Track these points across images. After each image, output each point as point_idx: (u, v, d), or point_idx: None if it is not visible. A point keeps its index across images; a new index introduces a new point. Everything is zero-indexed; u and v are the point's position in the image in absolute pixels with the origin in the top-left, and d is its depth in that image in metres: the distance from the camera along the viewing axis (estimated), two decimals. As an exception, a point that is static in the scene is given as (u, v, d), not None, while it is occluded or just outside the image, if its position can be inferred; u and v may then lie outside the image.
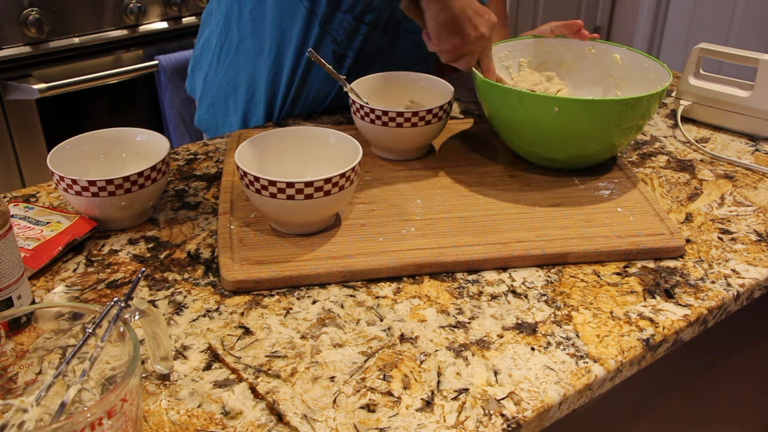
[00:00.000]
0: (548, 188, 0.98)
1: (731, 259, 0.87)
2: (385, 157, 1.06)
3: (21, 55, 1.74)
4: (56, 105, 1.83)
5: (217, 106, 1.30)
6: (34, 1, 1.71)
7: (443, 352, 0.72)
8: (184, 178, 1.04)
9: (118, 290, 0.81)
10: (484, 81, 0.98)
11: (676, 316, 0.78)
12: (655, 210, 0.93)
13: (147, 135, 0.96)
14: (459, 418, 0.65)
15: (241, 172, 0.84)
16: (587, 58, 1.14)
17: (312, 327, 0.76)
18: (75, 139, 0.94)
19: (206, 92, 1.32)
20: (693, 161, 1.10)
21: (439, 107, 1.00)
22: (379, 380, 0.69)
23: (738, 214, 0.96)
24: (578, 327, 0.76)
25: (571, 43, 1.14)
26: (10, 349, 0.60)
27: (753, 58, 1.15)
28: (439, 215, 0.92)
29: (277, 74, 1.21)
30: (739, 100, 1.16)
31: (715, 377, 1.10)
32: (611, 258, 0.86)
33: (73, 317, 0.61)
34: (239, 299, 0.79)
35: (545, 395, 0.67)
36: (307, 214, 0.84)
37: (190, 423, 0.64)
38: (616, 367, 0.71)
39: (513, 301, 0.80)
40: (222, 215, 0.91)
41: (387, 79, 1.10)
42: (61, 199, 0.98)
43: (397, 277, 0.83)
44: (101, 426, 0.50)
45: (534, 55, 1.16)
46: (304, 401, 0.66)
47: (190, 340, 0.74)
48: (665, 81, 0.99)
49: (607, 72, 1.12)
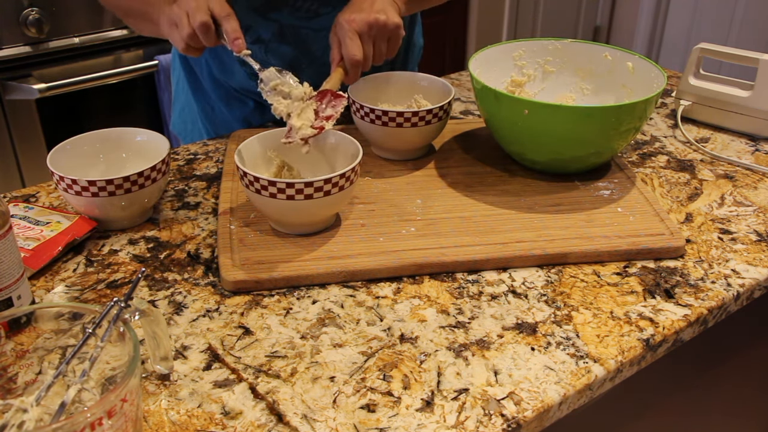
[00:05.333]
0: (548, 188, 0.98)
1: (731, 259, 0.87)
2: (385, 157, 1.06)
3: (21, 55, 1.74)
4: (56, 105, 1.83)
5: (187, 111, 1.30)
6: (34, 1, 1.71)
7: (443, 352, 0.72)
8: (184, 178, 1.04)
9: (118, 290, 0.81)
10: (479, 82, 0.98)
11: (676, 316, 0.78)
12: (655, 210, 0.93)
13: (147, 135, 0.96)
14: (459, 418, 0.65)
15: (241, 172, 0.84)
16: (604, 63, 1.12)
17: (312, 327, 0.75)
18: (75, 139, 0.94)
19: (178, 97, 1.32)
20: (693, 161, 1.10)
21: (439, 107, 1.00)
22: (379, 380, 0.69)
23: (738, 214, 0.96)
24: (578, 327, 0.76)
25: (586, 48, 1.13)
26: (10, 349, 0.60)
27: (753, 58, 1.15)
28: (439, 215, 0.92)
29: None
30: (739, 100, 1.16)
31: (715, 377, 1.10)
32: (611, 258, 0.86)
33: (73, 317, 0.61)
34: (239, 299, 0.79)
35: (545, 395, 0.67)
36: (307, 214, 0.84)
37: (190, 423, 0.64)
38: (616, 367, 0.71)
39: (513, 301, 0.80)
40: (222, 215, 0.91)
41: (387, 79, 1.10)
42: (61, 199, 0.98)
43: (397, 277, 0.83)
44: (101, 426, 0.50)
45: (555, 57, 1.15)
46: (304, 401, 0.66)
47: (190, 340, 0.74)
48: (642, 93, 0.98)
49: (619, 81, 1.10)
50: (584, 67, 1.13)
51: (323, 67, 1.15)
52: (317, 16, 1.11)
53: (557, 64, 1.14)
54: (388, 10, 0.96)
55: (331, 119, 0.90)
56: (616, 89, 1.09)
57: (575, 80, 1.14)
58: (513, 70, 1.14)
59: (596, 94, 1.12)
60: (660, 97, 0.97)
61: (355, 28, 0.93)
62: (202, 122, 1.28)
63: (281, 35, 1.12)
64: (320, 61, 1.15)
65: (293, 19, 1.11)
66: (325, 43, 1.13)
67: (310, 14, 1.11)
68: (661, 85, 0.97)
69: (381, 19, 0.94)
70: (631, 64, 1.07)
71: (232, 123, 1.24)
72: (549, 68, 1.15)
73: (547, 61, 1.15)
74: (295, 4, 1.09)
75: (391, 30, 0.96)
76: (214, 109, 1.25)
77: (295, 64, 1.14)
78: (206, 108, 1.26)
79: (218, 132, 1.26)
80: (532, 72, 1.15)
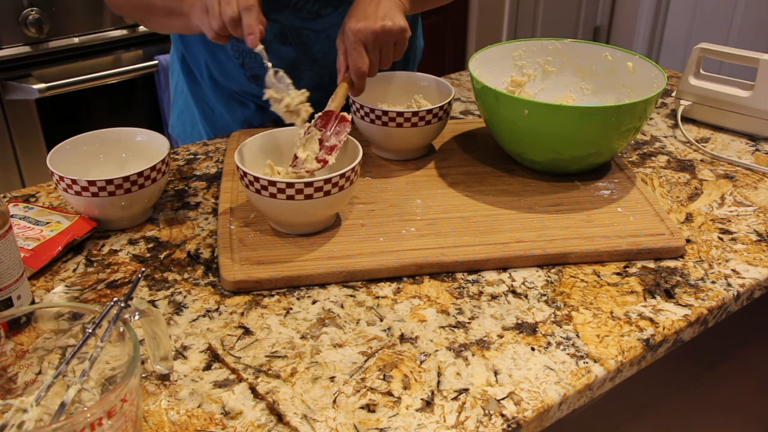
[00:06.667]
0: (548, 188, 0.98)
1: (731, 259, 0.87)
2: (385, 157, 1.06)
3: (21, 55, 1.74)
4: (56, 105, 1.83)
5: (186, 114, 1.30)
6: (34, 1, 1.71)
7: (443, 352, 0.72)
8: (184, 178, 1.04)
9: (118, 290, 0.81)
10: (479, 82, 0.98)
11: (676, 316, 0.78)
12: (655, 210, 0.93)
13: (147, 135, 0.96)
14: (459, 418, 0.65)
15: (241, 172, 0.84)
16: (604, 63, 1.12)
17: (312, 327, 0.75)
18: (75, 139, 0.94)
19: (176, 100, 1.32)
20: (693, 161, 1.10)
21: (439, 107, 1.00)
22: (379, 380, 0.69)
23: (738, 214, 0.96)
24: (578, 327, 0.76)
25: (586, 48, 1.13)
26: (10, 349, 0.60)
27: (753, 58, 1.15)
28: (439, 215, 0.92)
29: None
30: (739, 100, 1.16)
31: (715, 377, 1.10)
32: (611, 258, 0.86)
33: (72, 317, 0.61)
34: (239, 299, 0.79)
35: (545, 395, 0.67)
36: (307, 214, 0.84)
37: (190, 423, 0.64)
38: (616, 367, 0.71)
39: (513, 301, 0.80)
40: (222, 215, 0.91)
41: (387, 78, 1.10)
42: (61, 199, 0.98)
43: (397, 277, 0.83)
44: (101, 426, 0.50)
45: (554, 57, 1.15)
46: (304, 401, 0.66)
47: (190, 340, 0.74)
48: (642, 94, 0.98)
49: (619, 81, 1.10)
50: (584, 67, 1.13)
51: (324, 69, 1.16)
52: (319, 17, 1.11)
53: (557, 64, 1.14)
54: (393, 15, 0.94)
55: (334, 151, 0.90)
56: (616, 89, 1.09)
57: (575, 80, 1.14)
58: (513, 70, 1.14)
59: (596, 94, 1.12)
60: (660, 97, 0.97)
61: (361, 39, 0.93)
62: (202, 124, 1.28)
63: (282, 36, 1.12)
64: (321, 63, 1.15)
65: (294, 20, 1.11)
66: (325, 44, 1.13)
67: (311, 15, 1.11)
68: (661, 85, 0.97)
69: (387, 26, 0.93)
70: (631, 64, 1.07)
71: (232, 125, 1.24)
72: (549, 68, 1.15)
73: (547, 61, 1.15)
74: (296, 5, 1.09)
75: (397, 34, 0.95)
76: (214, 111, 1.25)
77: (296, 66, 1.14)
78: (206, 110, 1.26)
79: (218, 134, 1.26)
80: (532, 72, 1.15)
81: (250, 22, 0.88)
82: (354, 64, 0.94)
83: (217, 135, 1.25)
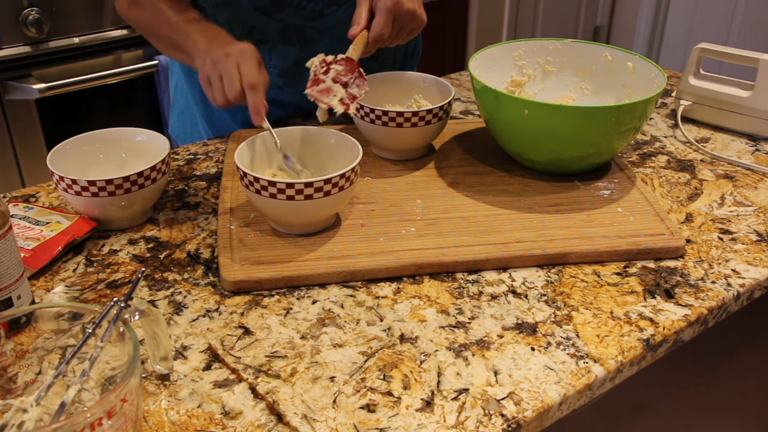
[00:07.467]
0: (548, 188, 0.98)
1: (731, 259, 0.87)
2: (385, 157, 1.06)
3: (20, 55, 1.74)
4: (56, 105, 1.83)
5: (186, 115, 1.30)
6: (34, 1, 1.71)
7: (443, 352, 0.72)
8: (184, 178, 1.04)
9: (118, 290, 0.81)
10: (479, 82, 0.98)
11: (676, 316, 0.78)
12: (655, 210, 0.93)
13: (147, 135, 0.96)
14: (459, 418, 0.65)
15: (241, 172, 0.84)
16: (604, 63, 1.12)
17: (312, 327, 0.75)
18: (75, 139, 0.94)
19: (176, 100, 1.31)
20: (693, 161, 1.10)
21: (439, 107, 1.00)
22: (379, 380, 0.69)
23: (738, 214, 0.96)
24: (578, 327, 0.76)
25: (586, 48, 1.13)
26: (10, 349, 0.60)
27: (753, 58, 1.15)
28: (439, 215, 0.92)
29: None
30: (739, 100, 1.16)
31: (715, 377, 1.10)
32: (611, 258, 0.86)
33: (72, 317, 0.61)
34: (239, 299, 0.79)
35: (545, 395, 0.67)
36: (307, 214, 0.84)
37: (190, 423, 0.64)
38: (616, 367, 0.71)
39: (513, 301, 0.80)
40: (222, 215, 0.91)
41: (387, 79, 1.10)
42: (61, 199, 0.98)
43: (397, 277, 0.83)
44: (101, 426, 0.50)
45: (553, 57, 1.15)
46: (304, 401, 0.66)
47: (190, 340, 0.74)
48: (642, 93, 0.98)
49: (619, 81, 1.10)
50: (584, 67, 1.13)
51: None
52: (322, 16, 1.11)
53: (557, 64, 1.14)
54: (421, 5, 1.00)
55: (355, 101, 0.92)
56: (616, 89, 1.09)
57: (575, 80, 1.14)
58: (513, 70, 1.14)
59: (596, 94, 1.12)
60: (660, 97, 0.97)
61: (396, 10, 0.96)
62: (202, 125, 1.28)
63: (286, 36, 1.12)
64: None
65: (298, 18, 1.11)
66: (329, 43, 1.14)
67: (315, 14, 1.11)
68: (661, 85, 0.97)
69: (418, 12, 0.99)
70: (632, 64, 1.07)
71: (232, 126, 1.24)
72: (549, 68, 1.15)
73: (547, 61, 1.15)
74: (300, 4, 1.09)
75: (419, 24, 1.00)
76: (214, 111, 1.25)
77: (300, 65, 1.14)
78: (206, 110, 1.26)
79: (218, 134, 1.26)
80: (532, 72, 1.15)
81: (255, 102, 0.91)
82: (379, 28, 0.97)
83: (217, 135, 1.25)
